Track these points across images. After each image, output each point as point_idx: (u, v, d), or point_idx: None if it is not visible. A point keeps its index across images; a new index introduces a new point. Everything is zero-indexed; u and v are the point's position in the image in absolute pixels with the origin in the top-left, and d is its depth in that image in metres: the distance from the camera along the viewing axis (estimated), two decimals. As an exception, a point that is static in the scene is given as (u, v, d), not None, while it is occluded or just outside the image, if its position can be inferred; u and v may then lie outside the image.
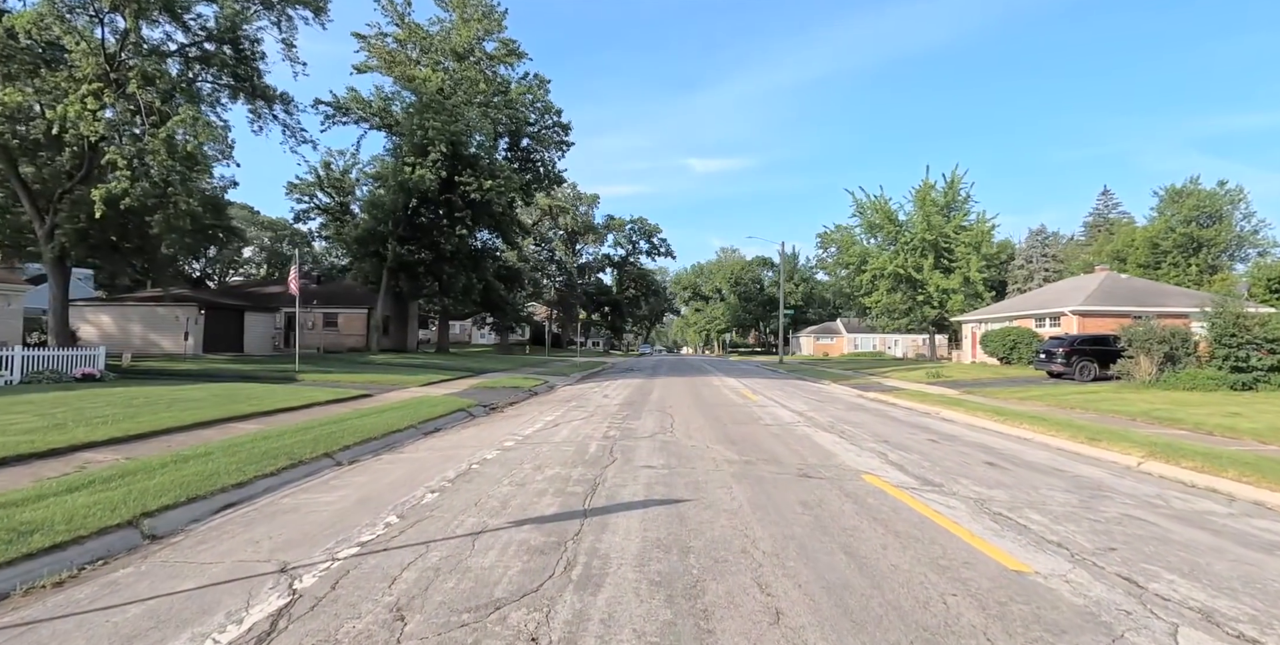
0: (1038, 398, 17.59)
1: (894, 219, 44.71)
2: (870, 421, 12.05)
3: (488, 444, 9.12)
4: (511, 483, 6.46)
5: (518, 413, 13.73)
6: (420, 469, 7.45)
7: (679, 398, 16.40)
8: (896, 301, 44.00)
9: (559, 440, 9.27)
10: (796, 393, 19.06)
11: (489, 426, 11.31)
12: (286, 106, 25.61)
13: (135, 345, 27.82)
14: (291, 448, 8.35)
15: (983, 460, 8.15)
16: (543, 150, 39.66)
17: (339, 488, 6.63)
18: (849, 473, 7.00)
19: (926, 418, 13.42)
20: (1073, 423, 11.89)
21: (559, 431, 10.17)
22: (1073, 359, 22.68)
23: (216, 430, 10.16)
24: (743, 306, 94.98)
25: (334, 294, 39.39)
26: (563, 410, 13.61)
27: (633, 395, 17.22)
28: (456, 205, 32.76)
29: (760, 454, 8.05)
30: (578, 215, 73.03)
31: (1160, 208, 47.80)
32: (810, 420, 11.88)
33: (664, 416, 12.04)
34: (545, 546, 4.34)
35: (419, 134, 30.16)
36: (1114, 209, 71.16)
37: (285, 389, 16.09)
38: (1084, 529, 5.06)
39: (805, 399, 16.84)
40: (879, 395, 18.74)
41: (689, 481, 6.40)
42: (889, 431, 10.64)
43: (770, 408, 14.10)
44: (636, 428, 10.47)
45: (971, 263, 41.10)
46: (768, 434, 9.88)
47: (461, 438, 10.02)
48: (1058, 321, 28.57)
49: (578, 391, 19.26)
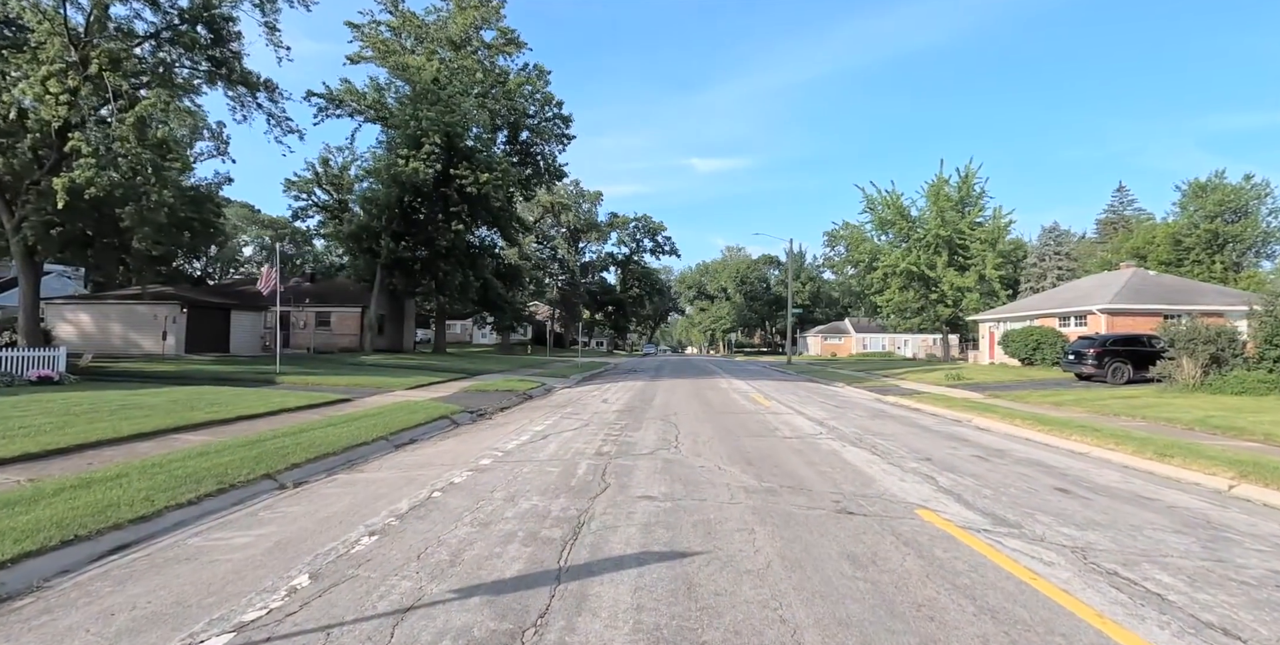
0: (1073, 402, 16.19)
1: (906, 215, 43.26)
2: (900, 432, 10.67)
3: (462, 462, 7.80)
4: (474, 521, 5.12)
5: (506, 420, 12.40)
6: (371, 496, 6.12)
7: (684, 403, 15.05)
8: (909, 300, 42.53)
9: (545, 457, 7.93)
10: (811, 397, 17.68)
11: (470, 438, 9.99)
12: (271, 94, 24.33)
13: (115, 345, 26.61)
14: (227, 468, 7.05)
15: (1049, 484, 6.78)
16: (543, 143, 38.26)
17: (265, 523, 5.32)
18: (898, 506, 5.63)
19: (959, 426, 12.04)
20: (1129, 434, 10.49)
21: (546, 446, 8.83)
22: (1105, 360, 21.23)
23: (155, 444, 8.86)
24: (748, 306, 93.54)
25: (327, 292, 38.15)
26: (555, 417, 12.28)
27: (634, 400, 15.87)
28: (452, 199, 31.41)
29: (784, 478, 6.69)
30: (580, 213, 71.68)
31: (1183, 203, 46.14)
32: (833, 431, 10.51)
33: (667, 427, 10.69)
34: (491, 642, 2.99)
35: (412, 125, 28.84)
36: (1129, 206, 69.46)
37: (257, 393, 14.81)
38: (1239, 600, 3.68)
39: (821, 404, 15.46)
40: (900, 400, 17.36)
41: (698, 520, 5.04)
42: (925, 445, 9.27)
43: (786, 416, 12.72)
44: (636, 441, 9.12)
45: (987, 260, 39.61)
46: (788, 449, 8.51)
47: (435, 452, 8.70)
48: (1084, 320, 27.09)
49: (575, 395, 17.94)
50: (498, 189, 30.98)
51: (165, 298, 26.23)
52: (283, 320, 36.91)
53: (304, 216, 45.35)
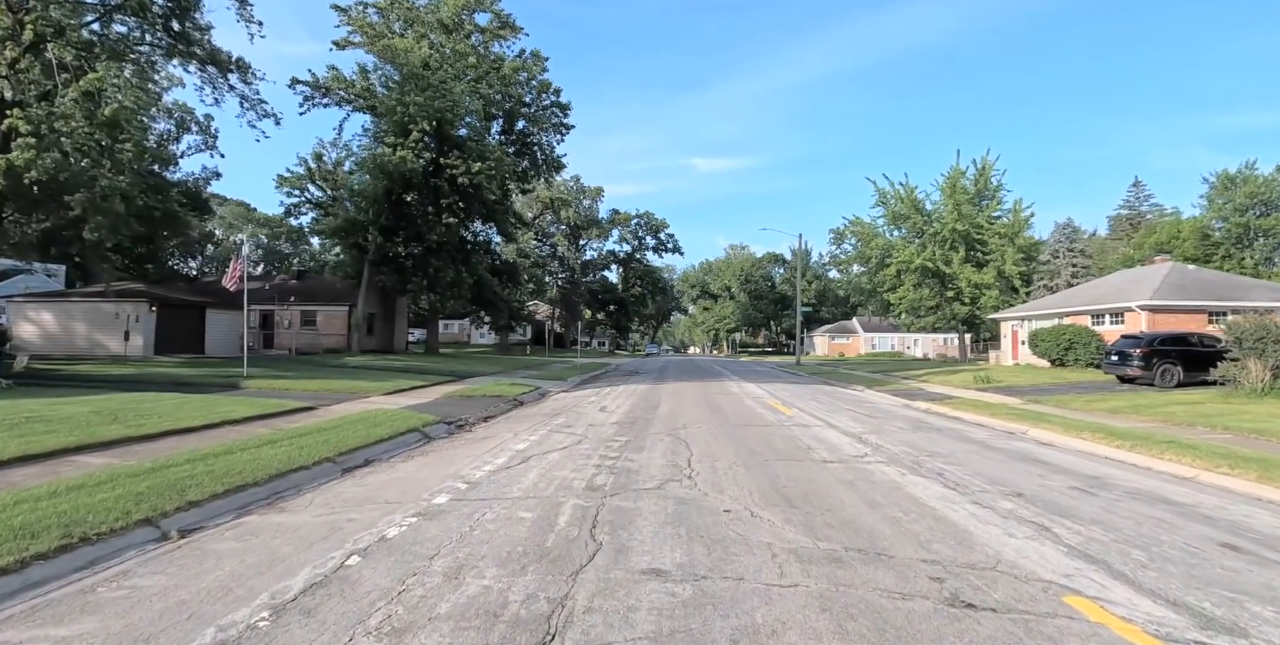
0: (1129, 409, 14.31)
1: (921, 209, 41.36)
2: (958, 451, 8.80)
3: (411, 498, 5.96)
4: (382, 625, 3.27)
5: (487, 433, 10.56)
6: (266, 560, 4.30)
7: (693, 411, 13.19)
8: (924, 298, 40.63)
9: (519, 493, 6.07)
10: (835, 404, 15.81)
11: (437, 459, 8.14)
12: (243, 74, 22.50)
13: (80, 346, 24.82)
14: (95, 509, 5.26)
15: (1204, 536, 4.93)
16: (540, 133, 36.33)
17: (92, 610, 3.54)
18: (1032, 588, 3.75)
19: (1018, 441, 10.17)
20: (1231, 451, 8.64)
21: (525, 474, 6.97)
22: (1152, 361, 19.32)
23: (40, 469, 7.05)
24: (752, 305, 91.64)
25: (313, 290, 36.32)
26: (544, 431, 10.44)
27: (636, 408, 14.01)
28: (443, 191, 29.48)
29: (845, 532, 4.82)
30: (581, 209, 69.74)
31: (1210, 196, 44.04)
32: (879, 450, 8.64)
33: (676, 445, 8.83)
34: None
35: (399, 111, 26.98)
36: (1146, 201, 67.42)
37: (206, 401, 12.98)
38: None
39: (850, 413, 13.59)
40: (932, 406, 15.49)
41: (738, 629, 3.18)
42: (1001, 471, 7.40)
43: (815, 429, 10.84)
44: (638, 467, 7.26)
45: (1007, 255, 37.71)
46: (834, 480, 6.65)
47: (386, 481, 6.86)
48: (1120, 318, 25.17)
49: (571, 401, 16.10)
50: (491, 179, 29.09)
51: (132, 295, 24.40)
52: (266, 319, 35.13)
53: (297, 213, 43.54)
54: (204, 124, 50.58)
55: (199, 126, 50.99)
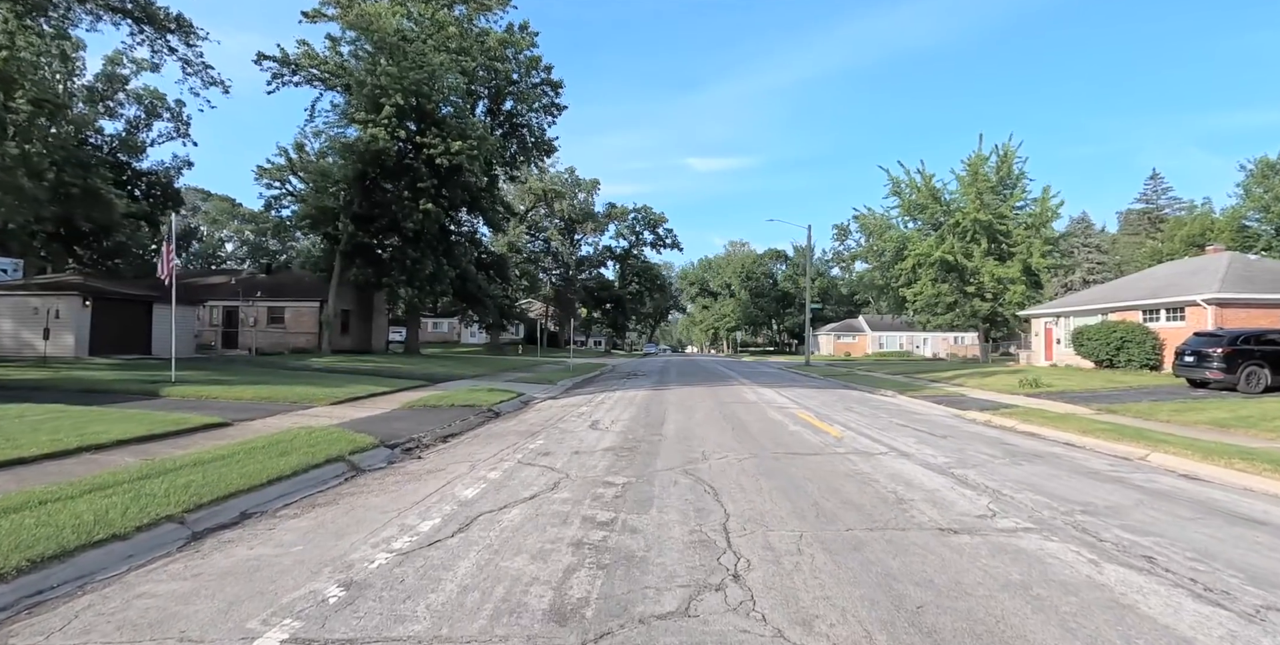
0: (1236, 423, 11.52)
1: (939, 198, 38.63)
2: (1119, 502, 5.96)
3: (232, 627, 3.13)
4: None
5: (435, 466, 7.74)
6: None
7: (709, 429, 10.40)
8: (943, 294, 37.88)
9: (419, 629, 3.24)
10: (878, 416, 13.01)
11: (341, 516, 5.31)
12: (185, 35, 19.61)
13: (6, 346, 21.92)
14: None
15: None
16: (530, 114, 33.36)
17: None
18: None
19: (1149, 474, 7.36)
20: None
21: (456, 563, 4.10)
22: (1236, 362, 16.61)
23: None
24: (753, 303, 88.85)
25: (283, 285, 33.39)
26: (513, 461, 7.63)
27: (635, 423, 11.21)
28: (420, 173, 26.52)
29: None
30: (576, 202, 66.76)
31: (1247, 185, 41.33)
32: (1001, 499, 5.80)
33: (699, 494, 6.01)
34: None
35: (370, 82, 24.09)
36: (1164, 194, 64.78)
37: (89, 415, 10.10)
38: None
39: (908, 430, 10.78)
40: (992, 418, 12.73)
41: None
42: (1215, 544, 4.60)
43: (882, 458, 8.00)
44: (643, 549, 4.40)
45: (1034, 247, 35.00)
46: (993, 584, 3.80)
47: (226, 568, 4.00)
48: (1180, 314, 22.42)
49: (558, 412, 13.30)
50: (473, 161, 26.17)
51: (61, 287, 21.45)
52: (230, 317, 32.25)
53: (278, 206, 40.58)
54: (175, 110, 47.73)
55: (170, 113, 48.15)
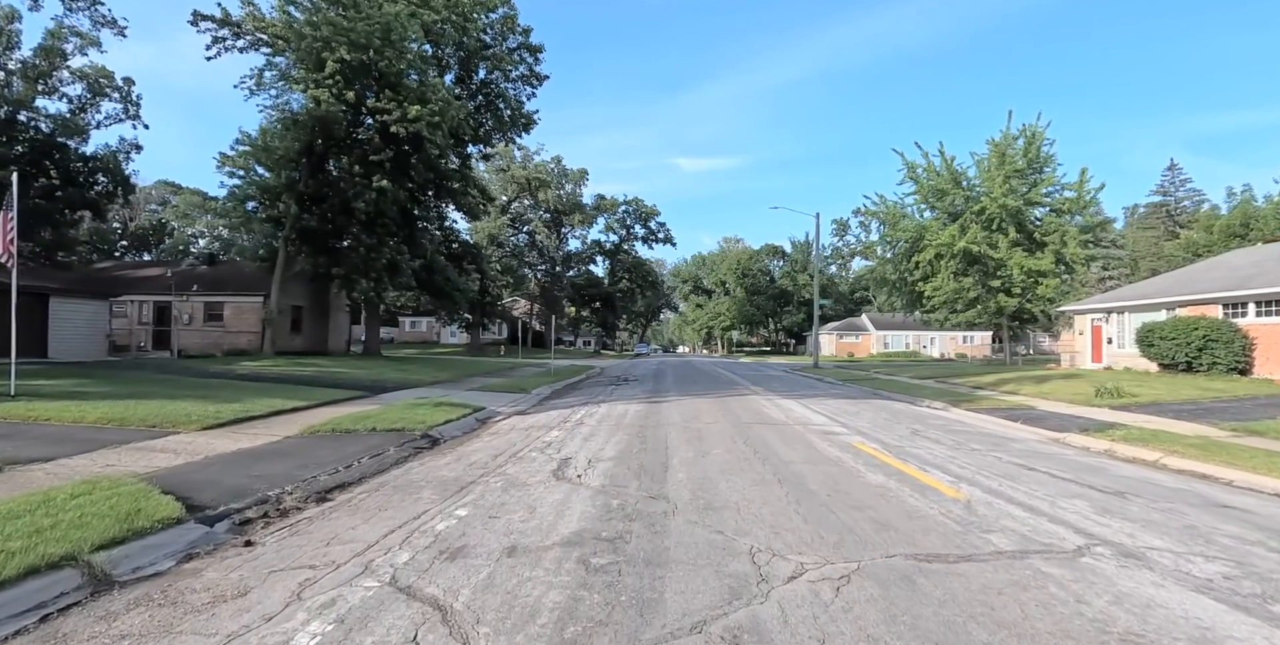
0: None
1: (961, 182, 35.07)
2: None
3: None
4: None
5: (247, 579, 3.85)
6: None
7: (743, 481, 6.63)
8: (966, 288, 34.31)
9: None
10: (967, 445, 9.25)
11: None
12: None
13: None
14: None
15: None
16: (506, 84, 29.46)
17: None
18: None
19: None
20: None
21: None
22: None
23: None
24: (750, 301, 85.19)
25: (224, 278, 29.37)
26: (385, 576, 3.80)
27: (623, 466, 7.41)
28: (373, 144, 22.61)
29: None
30: (563, 193, 62.84)
31: (1293, 169, 38.28)
32: None
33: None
34: None
35: (309, 35, 20.19)
36: (1182, 186, 61.64)
37: None
38: None
39: (1038, 474, 7.03)
40: (1114, 446, 9.00)
41: None
42: None
43: (1087, 561, 4.27)
44: None
45: (1069, 236, 31.46)
46: None
47: None
48: (1273, 308, 18.90)
49: (517, 440, 9.49)
50: (434, 129, 22.24)
51: (-83, 276, 17.45)
52: (162, 314, 28.22)
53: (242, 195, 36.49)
54: (124, 89, 43.70)
55: (120, 94, 44.06)
